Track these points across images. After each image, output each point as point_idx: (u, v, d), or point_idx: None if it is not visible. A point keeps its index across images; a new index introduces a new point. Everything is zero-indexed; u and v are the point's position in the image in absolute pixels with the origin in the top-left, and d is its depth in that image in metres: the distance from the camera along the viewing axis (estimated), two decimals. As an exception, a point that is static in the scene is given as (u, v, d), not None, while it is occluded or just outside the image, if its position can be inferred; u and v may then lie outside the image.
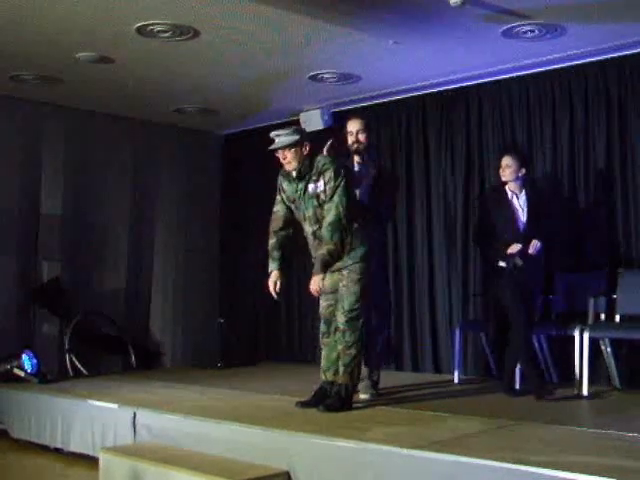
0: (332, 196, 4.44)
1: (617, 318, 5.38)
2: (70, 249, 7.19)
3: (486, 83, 6.45)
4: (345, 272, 4.53)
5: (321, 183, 4.49)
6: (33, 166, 7.08)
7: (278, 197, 4.74)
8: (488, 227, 5.26)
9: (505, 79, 6.34)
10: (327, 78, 6.43)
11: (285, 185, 4.68)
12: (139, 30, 5.29)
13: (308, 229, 4.60)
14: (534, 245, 4.97)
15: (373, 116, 7.17)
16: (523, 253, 4.96)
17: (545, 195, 5.83)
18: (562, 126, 6.01)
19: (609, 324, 5.35)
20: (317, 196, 4.50)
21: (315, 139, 4.77)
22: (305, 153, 4.52)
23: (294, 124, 7.30)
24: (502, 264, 5.05)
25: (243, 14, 5.04)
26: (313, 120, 7.13)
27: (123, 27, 5.24)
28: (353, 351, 4.53)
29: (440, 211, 6.70)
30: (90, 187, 7.38)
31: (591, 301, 5.38)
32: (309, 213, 4.55)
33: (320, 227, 4.51)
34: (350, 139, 5.02)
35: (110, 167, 7.53)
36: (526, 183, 5.18)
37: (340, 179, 4.45)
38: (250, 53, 5.80)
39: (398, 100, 6.99)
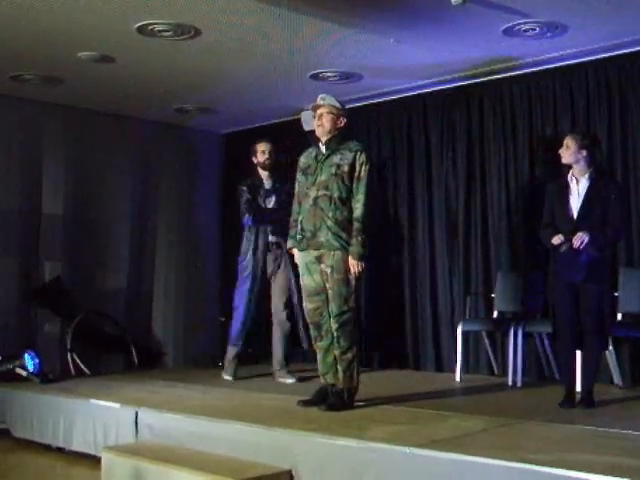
0: (362, 179, 4.50)
1: (619, 316, 5.39)
2: (71, 249, 7.18)
3: (487, 81, 6.44)
4: (328, 269, 4.49)
5: (348, 158, 4.52)
6: (34, 166, 7.08)
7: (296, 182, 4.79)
8: (548, 215, 4.74)
9: (506, 77, 6.33)
10: (328, 77, 6.43)
11: (302, 158, 4.75)
12: (140, 29, 5.28)
13: (312, 194, 4.56)
14: (579, 238, 4.41)
15: (374, 115, 7.19)
16: (571, 246, 4.43)
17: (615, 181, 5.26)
18: (563, 123, 6.00)
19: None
20: (338, 166, 4.53)
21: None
22: (340, 125, 4.62)
23: (295, 123, 7.35)
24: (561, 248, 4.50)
25: (244, 13, 5.04)
26: (313, 119, 7.11)
27: (124, 26, 5.24)
28: (349, 355, 4.50)
29: (442, 210, 6.69)
30: (91, 186, 7.38)
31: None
32: (322, 178, 4.54)
33: (326, 194, 4.49)
34: (262, 157, 6.06)
35: (111, 166, 7.52)
36: (592, 166, 4.60)
37: (370, 166, 4.55)
38: (251, 52, 5.80)
39: (399, 99, 6.98)
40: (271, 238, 6.06)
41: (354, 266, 4.46)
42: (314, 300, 4.61)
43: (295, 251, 4.74)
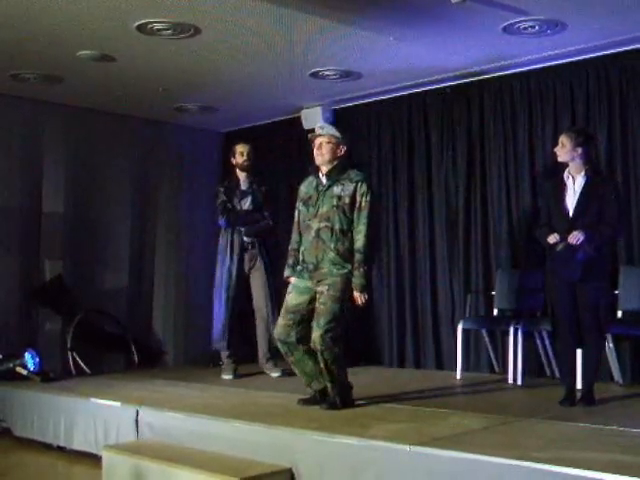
0: (364, 209, 4.48)
1: (619, 314, 5.39)
2: (72, 247, 7.19)
3: (487, 79, 6.44)
4: (325, 287, 4.46)
5: (349, 188, 4.51)
6: (34, 164, 7.08)
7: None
8: (545, 214, 4.72)
9: (506, 75, 6.33)
10: (328, 75, 6.43)
11: (303, 187, 4.73)
12: (139, 28, 5.28)
13: (314, 226, 4.56)
14: (575, 236, 4.38)
15: (374, 113, 7.19)
16: (567, 245, 4.42)
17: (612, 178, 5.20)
18: (563, 122, 5.99)
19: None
20: (339, 197, 4.51)
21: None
22: (339, 154, 4.59)
23: (295, 121, 7.36)
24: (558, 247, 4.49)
25: (243, 12, 5.04)
26: (314, 117, 7.12)
27: (124, 25, 5.24)
28: (334, 366, 4.44)
29: (442, 208, 6.68)
30: (91, 185, 7.38)
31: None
32: (323, 210, 4.54)
33: (327, 226, 4.49)
34: (240, 158, 6.23)
35: (111, 165, 7.52)
36: (588, 164, 4.57)
37: (373, 197, 4.53)
38: (250, 51, 5.80)
39: (399, 97, 6.98)
40: (246, 239, 6.21)
41: (358, 298, 4.47)
42: (287, 317, 4.57)
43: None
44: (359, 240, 4.47)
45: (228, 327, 6.21)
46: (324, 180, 4.61)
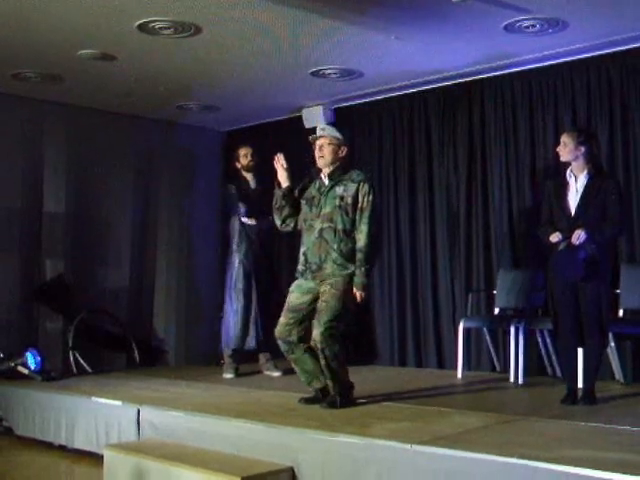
0: (366, 209, 4.49)
1: (620, 313, 5.38)
2: (73, 247, 7.19)
3: (488, 78, 6.44)
4: (328, 286, 4.48)
5: (351, 189, 4.53)
6: (35, 164, 7.08)
7: None
8: (547, 213, 4.70)
9: (507, 74, 6.32)
10: (329, 74, 6.42)
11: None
12: (141, 27, 5.28)
13: (317, 226, 4.56)
14: (577, 235, 4.38)
15: (375, 112, 7.18)
16: (569, 244, 4.41)
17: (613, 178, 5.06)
18: (564, 121, 5.99)
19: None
20: (341, 197, 4.53)
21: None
22: (341, 155, 4.62)
23: (296, 121, 7.35)
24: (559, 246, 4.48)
25: (244, 10, 5.04)
26: (315, 117, 7.12)
27: (125, 24, 5.24)
28: (335, 364, 4.45)
29: (443, 207, 6.69)
30: (92, 185, 7.37)
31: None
32: (326, 210, 4.55)
33: (330, 226, 4.51)
34: (244, 160, 6.35)
35: (112, 164, 7.52)
36: (590, 163, 4.55)
37: (375, 197, 4.55)
38: (251, 49, 5.80)
39: (400, 96, 6.97)
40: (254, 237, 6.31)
41: (358, 296, 4.47)
42: (289, 316, 4.58)
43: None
44: (361, 240, 4.49)
45: (255, 325, 6.21)
46: (326, 181, 4.63)
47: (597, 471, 2.88)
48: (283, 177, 4.72)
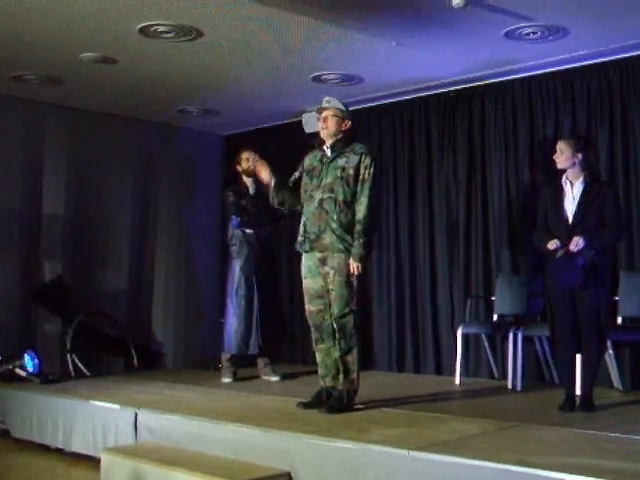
0: (367, 181, 4.51)
1: (619, 320, 5.38)
2: (72, 249, 7.19)
3: (488, 84, 6.45)
4: (331, 271, 4.50)
5: (353, 160, 4.55)
6: (35, 166, 7.08)
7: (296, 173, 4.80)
8: (542, 219, 4.71)
9: (507, 80, 6.33)
10: (330, 79, 6.43)
11: (307, 159, 4.76)
12: (142, 31, 5.29)
13: (317, 197, 4.57)
14: (575, 242, 4.38)
15: (375, 117, 7.19)
16: (567, 251, 4.40)
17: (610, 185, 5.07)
18: (564, 127, 6.00)
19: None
20: (343, 169, 4.55)
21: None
22: (345, 128, 4.64)
23: (296, 125, 7.36)
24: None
25: (245, 15, 5.05)
26: (315, 122, 7.10)
27: (126, 28, 5.25)
28: (349, 358, 4.50)
29: (442, 212, 6.69)
30: (92, 187, 7.37)
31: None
32: (327, 181, 4.56)
33: (331, 197, 4.51)
34: (246, 164, 6.17)
35: (112, 167, 7.52)
36: (586, 170, 4.56)
37: (376, 170, 4.56)
38: (252, 54, 5.81)
39: (401, 101, 6.98)
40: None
41: (354, 268, 4.46)
42: (316, 303, 4.61)
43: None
44: (361, 211, 4.49)
45: (256, 330, 6.18)
46: (328, 152, 4.64)
47: (593, 479, 2.87)
48: (265, 172, 4.74)
